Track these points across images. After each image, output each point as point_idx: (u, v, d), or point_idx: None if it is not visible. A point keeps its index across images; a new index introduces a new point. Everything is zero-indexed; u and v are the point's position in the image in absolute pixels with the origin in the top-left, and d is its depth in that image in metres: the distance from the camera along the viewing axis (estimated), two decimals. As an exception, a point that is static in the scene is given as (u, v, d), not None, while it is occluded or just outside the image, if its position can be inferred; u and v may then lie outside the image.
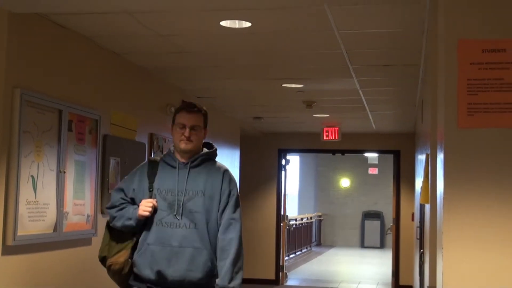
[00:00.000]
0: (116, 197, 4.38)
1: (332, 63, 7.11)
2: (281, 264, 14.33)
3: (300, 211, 25.22)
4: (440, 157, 3.12)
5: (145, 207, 4.15)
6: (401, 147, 13.91)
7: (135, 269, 4.25)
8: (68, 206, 5.73)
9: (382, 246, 25.29)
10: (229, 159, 11.65)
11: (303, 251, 21.44)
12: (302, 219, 21.83)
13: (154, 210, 4.19)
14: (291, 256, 18.84)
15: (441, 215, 3.00)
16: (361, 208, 26.19)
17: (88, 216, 6.16)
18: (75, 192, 5.92)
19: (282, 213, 14.59)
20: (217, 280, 4.15)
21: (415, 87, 8.12)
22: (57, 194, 5.54)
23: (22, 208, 5.00)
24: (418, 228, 7.74)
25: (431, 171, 4.46)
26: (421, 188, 5.57)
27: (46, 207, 5.38)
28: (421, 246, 6.74)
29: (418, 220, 7.88)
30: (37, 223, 5.28)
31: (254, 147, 14.13)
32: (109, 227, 4.38)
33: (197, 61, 7.24)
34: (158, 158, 4.47)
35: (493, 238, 2.82)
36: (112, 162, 6.73)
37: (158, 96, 8.25)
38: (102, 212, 6.40)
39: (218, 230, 4.23)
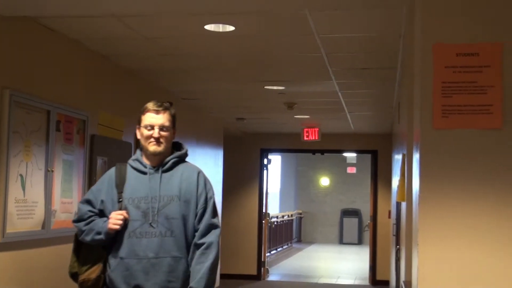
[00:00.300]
0: (83, 209, 3.96)
1: (312, 66, 7.11)
2: (262, 260, 14.31)
3: (281, 208, 25.29)
4: (416, 157, 3.12)
5: (115, 220, 3.76)
6: (379, 147, 13.96)
7: (110, 286, 3.88)
8: (56, 204, 5.71)
9: (360, 242, 25.37)
10: (212, 159, 11.67)
11: (284, 247, 21.47)
12: (283, 216, 21.86)
13: (125, 222, 3.78)
14: (272, 252, 18.85)
15: (417, 213, 3.00)
16: (339, 206, 26.27)
17: (75, 214, 6.10)
18: (63, 190, 5.90)
19: (264, 211, 14.58)
20: (191, 283, 3.74)
21: (392, 89, 8.14)
22: (45, 192, 5.51)
23: (11, 206, 4.97)
24: (395, 225, 7.77)
25: (407, 170, 4.47)
26: (398, 186, 5.58)
27: (34, 205, 5.35)
28: (397, 242, 6.77)
29: (395, 218, 7.92)
30: (25, 220, 5.24)
31: (237, 147, 14.11)
32: (77, 241, 3.98)
33: (183, 63, 7.23)
34: (125, 164, 4.03)
35: (467, 235, 2.83)
36: (100, 161, 6.71)
37: (145, 97, 8.10)
38: None
39: (194, 236, 3.85)
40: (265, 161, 14.99)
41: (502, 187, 2.83)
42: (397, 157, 7.30)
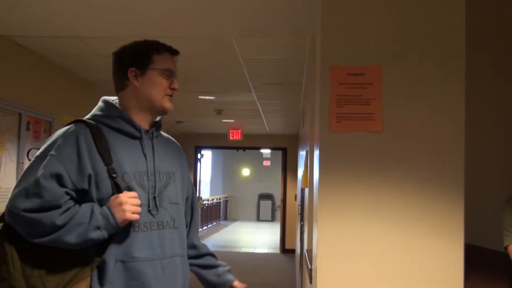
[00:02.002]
0: (55, 190, 1.92)
1: (237, 81, 7.10)
2: (196, 234, 14.18)
3: (212, 193, 25.21)
4: (316, 153, 3.13)
5: (133, 207, 1.99)
6: (288, 145, 14.07)
7: None
8: (26, 190, 5.62)
9: (272, 219, 25.46)
10: (156, 153, 11.57)
11: (213, 224, 21.32)
12: (213, 199, 21.73)
13: None
14: (204, 228, 18.75)
15: (316, 196, 3.01)
16: (257, 191, 26.30)
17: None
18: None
19: (197, 195, 14.45)
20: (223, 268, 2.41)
21: (299, 100, 8.22)
22: (16, 180, 5.35)
23: (-12, 192, 4.83)
24: (300, 206, 7.81)
25: (309, 164, 4.49)
26: (302, 176, 5.62)
27: (8, 191, 5.21)
28: (302, 219, 6.81)
29: (300, 200, 7.96)
30: (1, 204, 5.12)
31: (176, 144, 13.89)
32: (21, 244, 1.92)
33: (132, 77, 7.13)
34: (93, 122, 2.14)
35: (357, 213, 2.84)
36: (63, 155, 6.61)
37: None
38: None
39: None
40: (199, 155, 14.99)
41: (382, 176, 2.85)
42: (302, 153, 7.34)
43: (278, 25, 4.48)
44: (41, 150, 2.06)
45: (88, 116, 2.19)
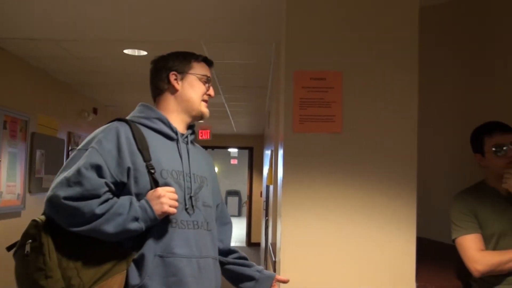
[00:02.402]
0: (94, 180, 1.88)
1: (205, 83, 7.07)
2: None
3: (181, 190, 25.08)
4: (281, 152, 3.15)
5: (171, 200, 1.94)
6: (254, 145, 14.06)
7: None
8: (3, 187, 5.54)
9: (239, 214, 25.42)
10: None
11: (182, 219, 21.21)
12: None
13: None
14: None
15: (280, 193, 3.02)
16: (225, 188, 26.20)
17: (18, 194, 6.00)
18: (8, 176, 5.72)
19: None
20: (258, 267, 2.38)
21: (264, 102, 8.24)
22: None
23: (-33, 188, 4.68)
24: (265, 202, 7.83)
25: (274, 162, 4.52)
26: (267, 173, 5.65)
27: (-14, 187, 5.15)
28: (267, 214, 6.84)
29: (265, 196, 7.98)
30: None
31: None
32: (58, 236, 1.85)
33: (106, 78, 7.07)
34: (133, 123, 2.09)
35: (317, 208, 2.87)
36: (38, 153, 6.51)
37: (75, 103, 8.06)
38: (30, 192, 6.29)
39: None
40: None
41: (341, 173, 2.88)
42: (267, 152, 7.37)
43: (245, 32, 4.49)
44: (82, 144, 2.04)
45: (127, 117, 2.18)
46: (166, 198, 1.93)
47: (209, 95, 2.25)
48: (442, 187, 4.07)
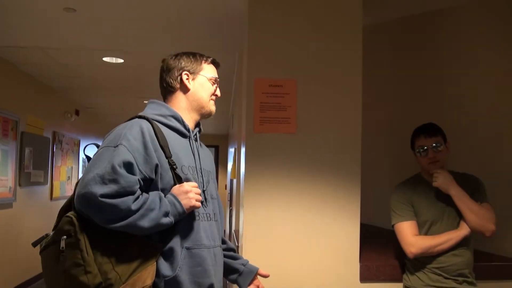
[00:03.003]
0: (130, 177, 1.72)
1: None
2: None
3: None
4: (243, 150, 3.14)
5: (197, 195, 1.85)
6: (220, 143, 14.01)
7: None
8: (-5, 181, 5.45)
9: (206, 205, 25.31)
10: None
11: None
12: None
13: None
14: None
15: (242, 186, 3.02)
16: (194, 181, 26.06)
17: (10, 188, 5.89)
18: (1, 171, 5.64)
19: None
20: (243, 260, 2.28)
21: (229, 105, 8.23)
22: None
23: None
24: (229, 194, 7.82)
25: (237, 159, 4.51)
26: (231, 169, 5.64)
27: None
28: (230, 205, 6.83)
29: (229, 189, 7.98)
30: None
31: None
32: (91, 232, 1.70)
33: (87, 83, 6.97)
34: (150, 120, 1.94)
35: (275, 199, 2.87)
36: (27, 150, 6.41)
37: (59, 106, 7.93)
38: (20, 185, 6.19)
39: None
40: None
41: (296, 169, 2.88)
42: (231, 150, 7.35)
43: (211, 42, 4.47)
44: (107, 141, 1.83)
45: (141, 114, 1.99)
46: (193, 193, 1.83)
47: (216, 95, 2.16)
48: (382, 180, 4.13)
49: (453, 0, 3.54)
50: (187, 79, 2.06)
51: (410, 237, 2.63)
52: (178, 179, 1.86)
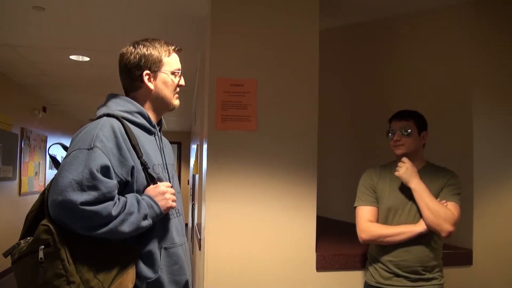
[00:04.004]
0: (109, 182, 1.57)
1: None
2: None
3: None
4: (205, 147, 3.10)
5: (172, 195, 1.75)
6: (182, 140, 13.89)
7: None
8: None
9: (170, 197, 25.17)
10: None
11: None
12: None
13: None
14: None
15: (205, 181, 2.98)
16: (158, 175, 25.87)
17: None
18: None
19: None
20: None
21: (191, 103, 8.15)
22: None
23: None
24: (191, 189, 7.77)
25: (199, 155, 4.47)
26: (193, 165, 5.58)
27: None
28: (193, 199, 6.76)
29: (192, 184, 7.92)
30: None
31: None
32: (70, 240, 1.54)
33: (54, 80, 6.80)
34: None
35: (236, 194, 2.84)
36: (-7, 145, 6.20)
37: (27, 102, 7.70)
38: None
39: None
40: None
41: (256, 165, 2.86)
42: (193, 147, 7.29)
43: (175, 42, 4.38)
44: (78, 142, 1.63)
45: (107, 111, 1.77)
46: (169, 194, 1.70)
47: (180, 85, 1.94)
48: (338, 176, 4.15)
49: (405, 9, 3.58)
50: (148, 79, 1.84)
51: (364, 222, 2.50)
52: (152, 179, 1.71)
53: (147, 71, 1.84)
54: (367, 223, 2.52)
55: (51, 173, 8.94)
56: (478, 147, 3.18)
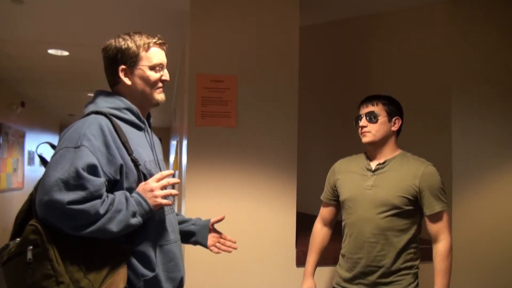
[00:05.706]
0: (96, 181, 1.50)
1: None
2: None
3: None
4: (185, 143, 3.08)
5: (163, 191, 1.64)
6: (162, 136, 13.74)
7: None
8: None
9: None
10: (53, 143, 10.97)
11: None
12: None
13: None
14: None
15: (184, 177, 2.96)
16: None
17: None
18: None
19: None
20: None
21: (171, 99, 8.05)
22: None
23: None
24: (171, 185, 7.72)
25: (179, 151, 4.44)
26: (173, 161, 5.53)
27: None
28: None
29: (172, 179, 7.87)
30: None
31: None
32: (59, 240, 1.49)
33: (33, 75, 6.65)
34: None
35: (216, 190, 2.82)
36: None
37: (5, 97, 7.53)
38: None
39: None
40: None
41: (236, 161, 2.85)
42: (173, 143, 7.24)
43: (157, 36, 4.34)
44: (65, 140, 1.58)
45: (95, 108, 1.70)
46: (158, 191, 1.61)
47: (164, 80, 1.80)
48: (317, 172, 4.14)
49: (384, 7, 3.58)
50: (124, 75, 1.75)
51: (316, 222, 2.45)
52: (144, 176, 1.65)
53: (123, 66, 1.75)
54: (318, 224, 2.48)
55: (29, 169, 8.77)
56: (457, 148, 3.19)
